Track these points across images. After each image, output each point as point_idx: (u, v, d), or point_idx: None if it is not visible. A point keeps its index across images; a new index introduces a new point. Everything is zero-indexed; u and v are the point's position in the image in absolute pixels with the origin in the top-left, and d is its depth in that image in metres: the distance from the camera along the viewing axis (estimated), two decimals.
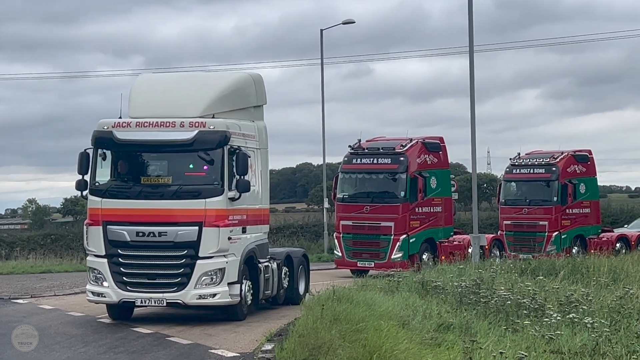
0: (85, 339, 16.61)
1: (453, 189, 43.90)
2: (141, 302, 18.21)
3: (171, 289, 17.98)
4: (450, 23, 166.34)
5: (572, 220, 36.40)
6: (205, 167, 18.11)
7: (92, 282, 18.52)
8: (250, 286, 18.99)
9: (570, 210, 36.24)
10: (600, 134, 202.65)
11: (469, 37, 29.86)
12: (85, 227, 18.63)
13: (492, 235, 35.27)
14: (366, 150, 30.94)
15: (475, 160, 31.14)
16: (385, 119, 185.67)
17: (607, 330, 12.69)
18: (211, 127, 18.00)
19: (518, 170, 36.67)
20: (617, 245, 36.89)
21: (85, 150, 18.60)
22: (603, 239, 37.18)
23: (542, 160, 36.45)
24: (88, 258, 18.69)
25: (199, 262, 17.89)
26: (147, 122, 18.25)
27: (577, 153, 37.33)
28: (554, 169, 35.86)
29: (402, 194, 29.74)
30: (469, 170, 37.47)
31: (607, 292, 17.65)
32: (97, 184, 18.56)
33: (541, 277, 19.93)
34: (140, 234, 17.99)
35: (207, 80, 20.12)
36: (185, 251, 17.90)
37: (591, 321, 13.15)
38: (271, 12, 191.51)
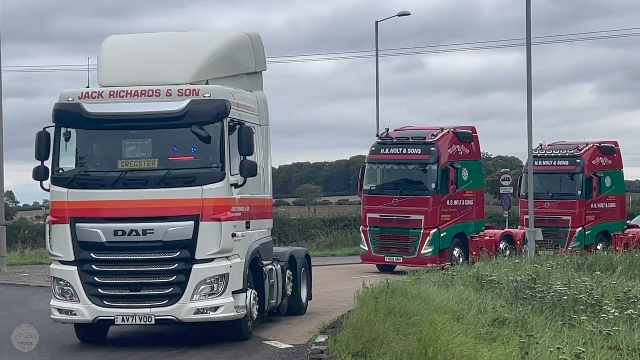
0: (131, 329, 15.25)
1: (508, 182, 43.31)
2: (122, 320, 13.65)
3: (161, 302, 13.60)
4: (502, 16, 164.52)
5: (596, 215, 33.30)
6: (199, 146, 13.92)
7: (57, 297, 13.83)
8: (256, 296, 14.58)
9: (595, 204, 33.20)
10: None
11: (526, 30, 28.16)
12: (47, 226, 13.95)
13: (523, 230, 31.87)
14: (395, 140, 28.55)
15: (532, 154, 28.81)
16: (437, 112, 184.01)
17: None
18: (206, 94, 13.74)
19: (540, 162, 33.36)
20: None
21: (44, 128, 14.01)
22: (629, 235, 33.95)
23: (565, 151, 33.59)
24: (52, 266, 13.99)
25: (195, 266, 13.56)
26: (123, 92, 13.87)
27: (602, 145, 34.24)
28: (578, 161, 33.02)
29: (433, 185, 27.46)
30: (524, 164, 36.93)
31: None
32: (60, 170, 14.03)
33: (598, 273, 18.87)
34: (120, 233, 13.64)
35: (196, 40, 15.60)
36: (178, 253, 13.59)
37: None
38: (324, 5, 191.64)
